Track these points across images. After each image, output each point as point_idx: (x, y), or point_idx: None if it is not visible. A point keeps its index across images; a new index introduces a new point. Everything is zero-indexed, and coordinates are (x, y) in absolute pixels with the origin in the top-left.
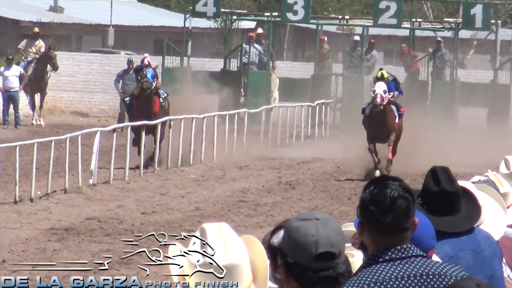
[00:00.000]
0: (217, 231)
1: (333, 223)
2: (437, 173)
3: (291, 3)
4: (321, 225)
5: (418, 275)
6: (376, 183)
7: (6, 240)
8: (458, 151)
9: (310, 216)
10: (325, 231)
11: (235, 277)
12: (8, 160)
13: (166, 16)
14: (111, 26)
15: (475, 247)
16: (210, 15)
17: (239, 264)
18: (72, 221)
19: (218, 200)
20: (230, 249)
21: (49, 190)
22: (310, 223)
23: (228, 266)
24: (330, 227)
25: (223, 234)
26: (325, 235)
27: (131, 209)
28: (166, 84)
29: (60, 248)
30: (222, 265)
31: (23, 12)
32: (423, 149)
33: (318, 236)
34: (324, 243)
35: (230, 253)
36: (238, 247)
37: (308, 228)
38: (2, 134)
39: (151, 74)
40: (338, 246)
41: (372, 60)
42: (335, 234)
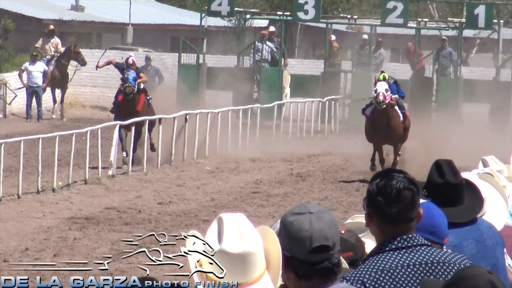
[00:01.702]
0: (233, 220)
1: (326, 216)
2: (441, 165)
3: (302, 3)
4: (314, 219)
5: (423, 263)
6: (383, 176)
7: (29, 229)
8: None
9: (304, 210)
10: (319, 225)
11: (249, 264)
12: (31, 152)
13: (183, 15)
14: (130, 24)
15: (478, 237)
16: (225, 14)
17: (253, 252)
18: (92, 210)
19: (232, 191)
20: (245, 238)
21: (70, 181)
22: (304, 217)
23: (243, 253)
24: (324, 221)
25: (239, 223)
26: (318, 229)
27: (149, 199)
28: (182, 80)
29: (81, 236)
30: (236, 252)
31: (46, 10)
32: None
33: (312, 231)
34: (318, 237)
35: (245, 242)
36: (253, 236)
37: (302, 223)
38: (25, 127)
39: (132, 76)
40: (332, 239)
41: (380, 58)
42: (328, 227)
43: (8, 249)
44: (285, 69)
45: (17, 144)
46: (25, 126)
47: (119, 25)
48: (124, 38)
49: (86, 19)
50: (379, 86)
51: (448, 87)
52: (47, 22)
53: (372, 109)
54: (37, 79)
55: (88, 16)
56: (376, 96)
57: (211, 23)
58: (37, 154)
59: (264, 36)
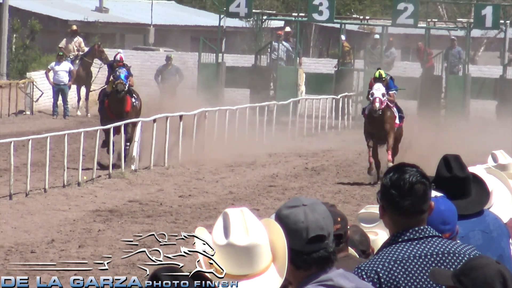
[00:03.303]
0: (238, 215)
1: (319, 207)
2: (449, 160)
3: (317, 4)
4: (309, 211)
5: (434, 254)
6: (396, 170)
7: (56, 221)
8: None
9: (298, 203)
10: (314, 216)
11: (256, 256)
12: (57, 148)
13: (202, 16)
14: (151, 25)
15: (484, 228)
16: (242, 15)
17: (259, 244)
18: (116, 203)
19: (250, 185)
20: (251, 231)
21: (94, 175)
22: (299, 210)
23: (249, 246)
24: (318, 212)
25: (244, 217)
26: (313, 220)
27: (170, 192)
28: (202, 78)
29: (105, 228)
30: (243, 245)
31: (71, 12)
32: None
33: (307, 222)
34: (314, 228)
35: (251, 234)
36: (258, 229)
37: (298, 215)
38: (51, 124)
39: (124, 74)
40: (326, 229)
41: (391, 57)
42: (323, 217)
43: (35, 240)
44: (300, 68)
45: (43, 140)
46: (51, 123)
47: (141, 26)
48: (146, 39)
49: (110, 20)
50: (376, 90)
51: (456, 84)
52: (72, 23)
53: (369, 108)
54: (63, 77)
55: (112, 17)
56: (373, 102)
57: (230, 24)
58: (63, 150)
59: (280, 36)
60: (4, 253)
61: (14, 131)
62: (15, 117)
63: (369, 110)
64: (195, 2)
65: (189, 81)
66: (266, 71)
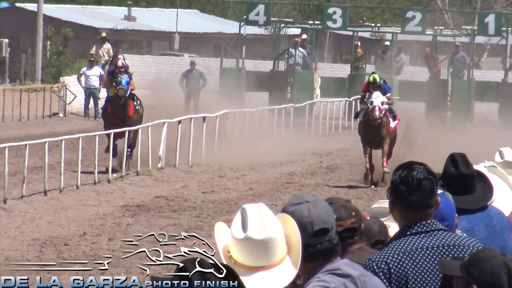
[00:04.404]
0: (255, 210)
1: (321, 203)
2: (455, 158)
3: (331, 13)
4: (312, 207)
5: (440, 246)
6: (404, 167)
7: (87, 216)
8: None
9: (301, 200)
10: (317, 211)
11: (272, 248)
12: (89, 147)
13: (224, 24)
14: (176, 32)
15: (488, 222)
16: (261, 23)
17: (275, 238)
18: (143, 199)
19: (268, 181)
20: (267, 225)
21: (123, 173)
22: (302, 206)
23: (266, 239)
24: (320, 207)
25: (261, 212)
26: (317, 215)
27: (194, 189)
28: (224, 82)
29: (133, 222)
30: (260, 238)
31: (101, 20)
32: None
33: (311, 217)
34: (318, 222)
35: (267, 228)
36: (274, 223)
37: (302, 212)
38: (83, 125)
39: (125, 80)
40: (329, 222)
41: (400, 62)
42: (325, 212)
43: (68, 234)
44: (315, 72)
45: (76, 140)
46: (83, 124)
47: (167, 34)
48: (172, 45)
49: (138, 28)
50: (375, 98)
51: (461, 88)
52: (103, 31)
53: (364, 113)
54: (94, 82)
55: (139, 25)
56: (372, 110)
57: (249, 32)
58: (94, 149)
59: (297, 43)
60: (39, 246)
61: (49, 132)
62: (49, 119)
63: (366, 118)
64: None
65: (211, 85)
66: (283, 75)
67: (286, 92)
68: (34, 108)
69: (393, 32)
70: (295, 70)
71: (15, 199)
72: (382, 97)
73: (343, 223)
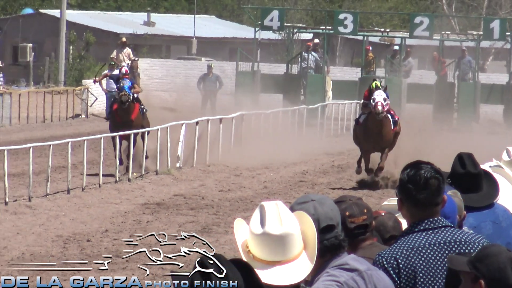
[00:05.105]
0: (273, 207)
1: (327, 201)
2: (463, 158)
3: (342, 19)
4: (318, 205)
5: (447, 242)
6: (412, 167)
7: (109, 213)
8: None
9: (307, 199)
10: (323, 209)
11: (288, 244)
12: (110, 148)
13: (239, 29)
14: (194, 37)
15: (495, 219)
16: (275, 28)
17: (292, 233)
18: (163, 197)
19: (282, 180)
20: (285, 221)
21: (143, 172)
22: (309, 204)
23: (283, 235)
24: (325, 205)
25: (278, 209)
26: (323, 212)
27: (211, 187)
28: (240, 85)
29: (153, 219)
30: (278, 234)
31: (122, 26)
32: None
33: (318, 214)
34: (324, 219)
35: (285, 225)
36: (291, 220)
37: (308, 210)
38: (104, 126)
39: (128, 85)
40: (335, 219)
41: (408, 66)
42: (331, 209)
43: (90, 230)
44: (327, 75)
45: (97, 141)
46: (104, 125)
47: (185, 38)
48: (189, 49)
49: (157, 33)
50: (377, 95)
51: (467, 90)
52: (123, 36)
53: (365, 116)
54: (114, 85)
55: (158, 30)
56: (375, 106)
57: (264, 36)
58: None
59: (309, 47)
60: (63, 242)
61: (71, 133)
62: (72, 120)
63: (366, 117)
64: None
65: (228, 88)
66: (297, 78)
67: (299, 94)
68: (58, 110)
69: (401, 37)
70: (307, 73)
71: (39, 197)
72: (383, 94)
73: (355, 220)
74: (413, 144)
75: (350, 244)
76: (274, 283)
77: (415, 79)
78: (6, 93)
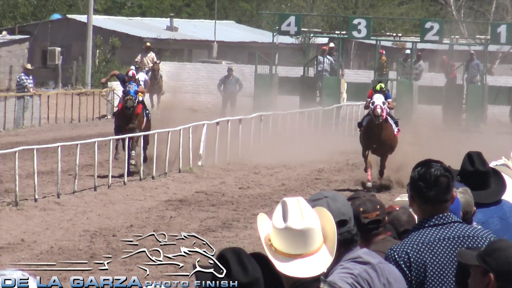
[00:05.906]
0: (295, 203)
1: (339, 197)
2: (472, 156)
3: (356, 24)
4: (330, 201)
5: (456, 237)
6: (423, 165)
7: (133, 209)
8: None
9: (320, 196)
10: (335, 205)
11: (309, 238)
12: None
13: (258, 34)
14: (215, 41)
15: (502, 215)
16: (293, 33)
17: (312, 228)
18: (185, 194)
19: (299, 178)
20: (306, 217)
21: (166, 170)
22: (322, 201)
23: (304, 229)
24: (338, 201)
25: (300, 205)
26: (336, 208)
27: (231, 184)
28: (258, 87)
29: (175, 215)
30: (299, 228)
31: (146, 30)
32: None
33: (331, 210)
34: (337, 214)
35: (306, 220)
36: (311, 215)
37: (322, 206)
38: None
39: (133, 90)
40: (348, 214)
41: (419, 69)
42: (343, 205)
43: (116, 225)
44: (342, 78)
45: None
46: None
47: (206, 42)
48: (210, 53)
49: (179, 38)
50: (376, 98)
51: (475, 92)
52: (147, 40)
53: (368, 120)
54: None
55: (181, 35)
56: (374, 109)
57: (282, 41)
58: (139, 150)
59: (325, 51)
60: (90, 236)
61: (98, 133)
62: (98, 121)
63: (368, 121)
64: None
65: (247, 90)
66: (313, 81)
67: (315, 96)
68: (85, 111)
69: (413, 41)
70: (323, 76)
71: (67, 194)
72: (382, 98)
73: (368, 216)
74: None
75: (364, 239)
76: (296, 275)
77: (426, 82)
78: (36, 95)
